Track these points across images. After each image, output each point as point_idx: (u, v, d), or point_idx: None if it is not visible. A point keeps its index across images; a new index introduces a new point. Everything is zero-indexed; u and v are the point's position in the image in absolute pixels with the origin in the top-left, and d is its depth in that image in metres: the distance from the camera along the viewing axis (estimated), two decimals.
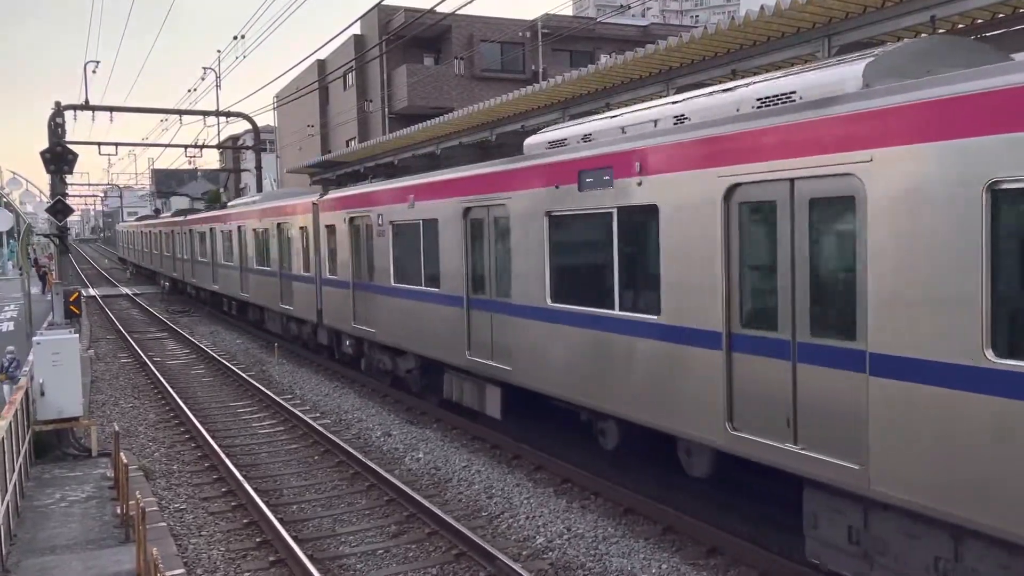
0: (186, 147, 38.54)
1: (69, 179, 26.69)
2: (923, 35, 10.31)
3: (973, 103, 5.39)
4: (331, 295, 17.62)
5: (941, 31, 10.10)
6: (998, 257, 5.33)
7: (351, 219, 16.29)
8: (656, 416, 8.39)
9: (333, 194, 17.72)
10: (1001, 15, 9.39)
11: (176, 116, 34.70)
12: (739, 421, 7.35)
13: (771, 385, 6.99)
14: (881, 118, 5.97)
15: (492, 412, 11.96)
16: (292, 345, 21.91)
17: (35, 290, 37.33)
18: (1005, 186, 5.24)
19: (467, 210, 11.89)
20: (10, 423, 9.00)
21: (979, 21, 9.70)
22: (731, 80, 12.55)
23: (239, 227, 25.22)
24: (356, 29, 39.33)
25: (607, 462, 10.83)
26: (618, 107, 15.02)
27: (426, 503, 9.48)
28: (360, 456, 11.55)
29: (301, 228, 19.19)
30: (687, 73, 12.89)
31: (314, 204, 18.31)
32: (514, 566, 7.63)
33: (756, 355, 7.15)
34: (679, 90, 13.31)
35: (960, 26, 9.95)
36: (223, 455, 11.86)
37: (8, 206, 37.04)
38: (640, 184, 8.38)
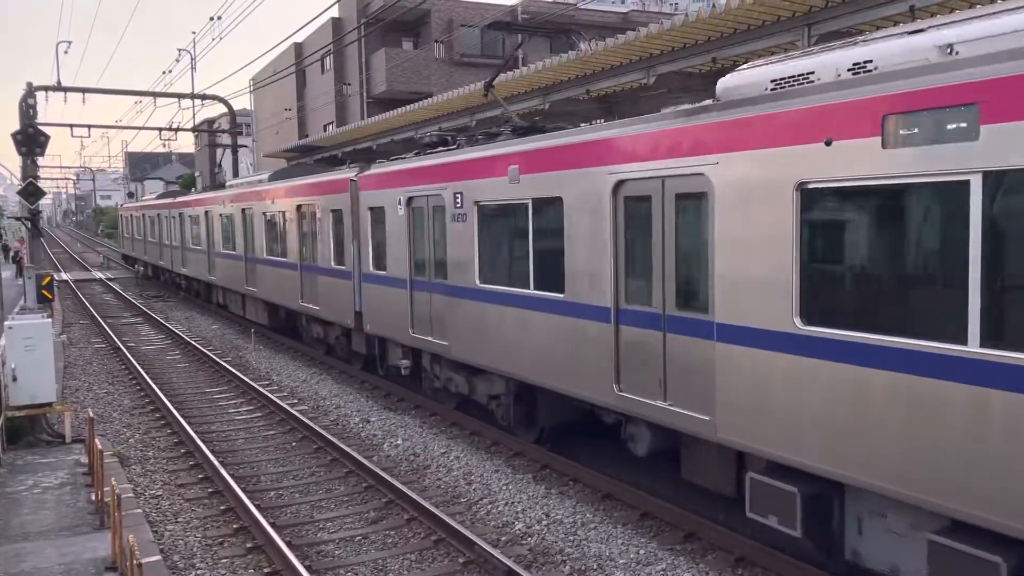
0: (160, 130, 37.97)
1: (41, 161, 26.23)
2: (901, 24, 10.37)
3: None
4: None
5: (919, 20, 10.17)
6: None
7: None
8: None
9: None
10: (979, 5, 9.45)
11: (150, 99, 34.20)
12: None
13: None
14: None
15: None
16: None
17: (7, 274, 36.81)
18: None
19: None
20: None
21: (956, 12, 9.76)
22: (712, 66, 12.57)
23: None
24: (334, 12, 38.95)
25: (586, 449, 10.89)
26: (598, 92, 15.06)
27: (405, 489, 9.47)
28: (338, 442, 11.51)
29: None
30: (667, 60, 12.90)
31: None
32: (493, 552, 7.65)
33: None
34: (659, 78, 13.33)
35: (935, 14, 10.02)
36: (199, 441, 11.77)
37: None
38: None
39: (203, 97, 35.04)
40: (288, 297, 18.80)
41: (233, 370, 17.12)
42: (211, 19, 28.51)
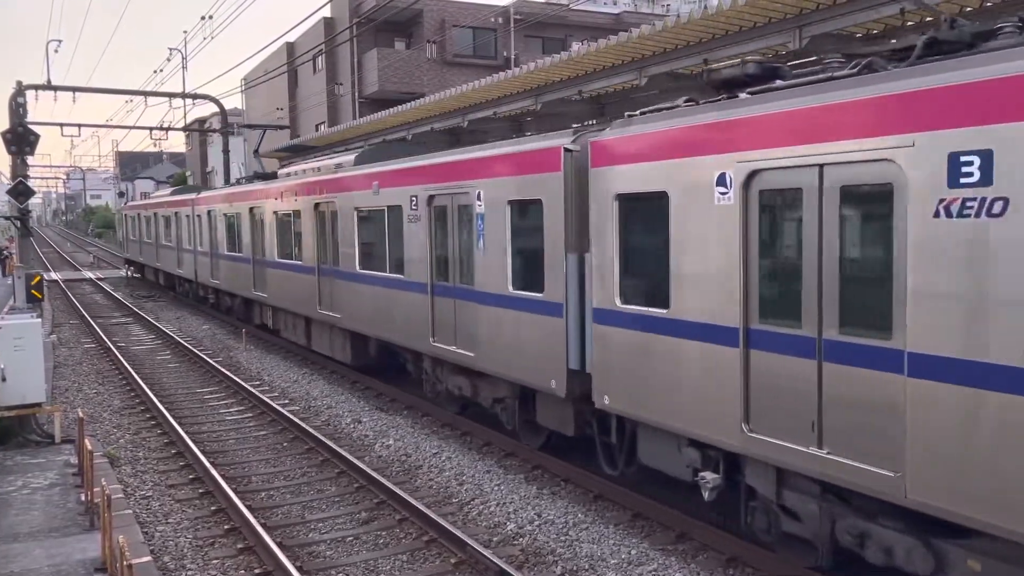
0: (151, 129, 37.87)
1: (30, 160, 26.11)
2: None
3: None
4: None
5: (910, 23, 10.23)
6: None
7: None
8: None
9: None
10: (969, 8, 9.51)
11: (141, 98, 34.08)
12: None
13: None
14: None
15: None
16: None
17: None
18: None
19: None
20: None
21: (945, 16, 9.81)
22: (704, 67, 12.61)
23: None
24: (326, 12, 38.87)
25: (577, 449, 10.88)
26: (590, 94, 15.10)
27: (396, 490, 9.46)
28: (330, 443, 11.49)
29: None
30: (659, 62, 12.91)
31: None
32: (485, 552, 7.65)
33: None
34: (651, 79, 13.35)
35: (928, 19, 10.07)
36: (190, 442, 11.73)
37: None
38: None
39: (194, 96, 34.95)
40: (405, 331, 12.84)
41: (224, 370, 17.07)
42: (202, 18, 28.46)
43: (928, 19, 10.03)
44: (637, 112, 8.63)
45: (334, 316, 15.50)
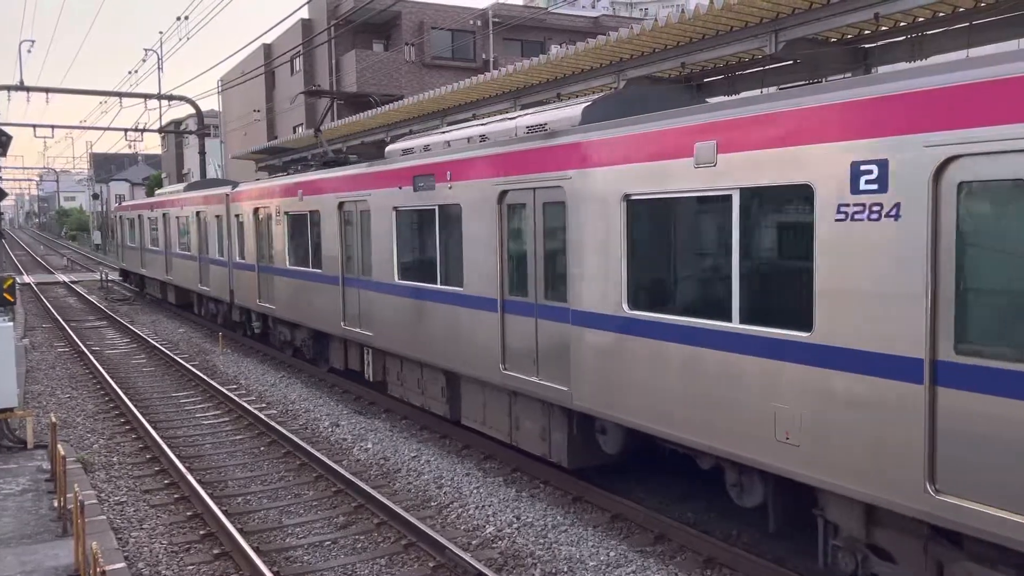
0: (126, 131, 37.50)
1: (3, 162, 25.76)
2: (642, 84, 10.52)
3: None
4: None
5: (883, 28, 10.35)
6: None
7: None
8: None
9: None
10: (941, 14, 9.64)
11: (116, 99, 33.73)
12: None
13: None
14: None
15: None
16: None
17: None
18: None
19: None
20: None
21: (920, 20, 9.94)
22: (682, 71, 12.72)
23: None
24: (304, 13, 38.72)
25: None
26: (568, 97, 15.14)
27: (375, 493, 9.41)
28: (307, 447, 11.42)
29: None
30: (637, 65, 12.98)
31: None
32: (464, 556, 7.63)
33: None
34: (629, 82, 13.42)
35: (902, 24, 10.19)
36: (165, 446, 11.61)
37: None
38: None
39: (170, 98, 34.67)
40: (794, 448, 6.21)
41: (200, 374, 16.91)
42: (178, 19, 28.25)
43: (902, 24, 10.16)
44: None
45: (551, 387, 9.03)
